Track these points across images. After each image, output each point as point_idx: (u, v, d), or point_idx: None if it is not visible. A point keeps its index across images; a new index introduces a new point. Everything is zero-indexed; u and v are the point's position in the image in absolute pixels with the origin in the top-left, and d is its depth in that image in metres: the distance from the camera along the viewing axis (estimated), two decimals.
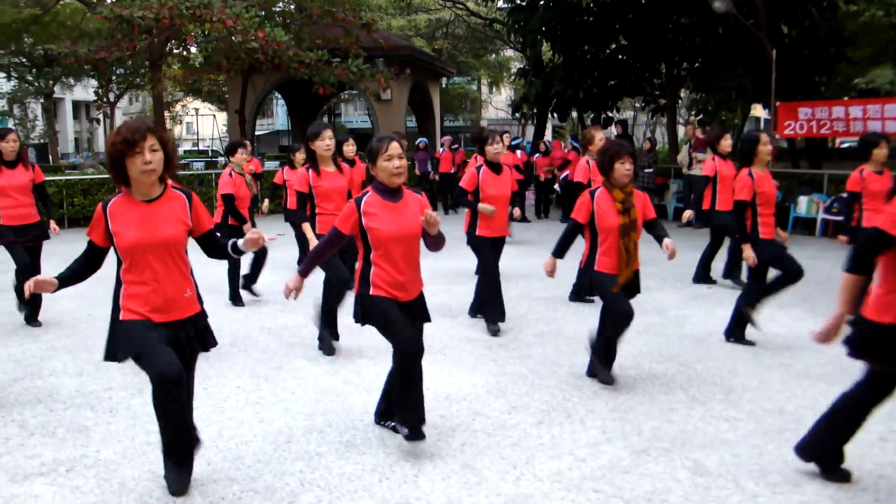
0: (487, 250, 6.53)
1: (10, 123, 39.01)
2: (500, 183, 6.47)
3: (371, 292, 4.01)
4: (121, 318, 3.44)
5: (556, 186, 14.91)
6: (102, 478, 3.82)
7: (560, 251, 5.17)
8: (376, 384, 5.18)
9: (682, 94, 23.31)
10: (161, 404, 3.43)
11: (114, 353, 3.50)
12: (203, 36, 15.86)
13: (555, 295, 7.98)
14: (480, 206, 6.36)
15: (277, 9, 17.72)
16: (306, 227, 5.96)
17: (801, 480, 3.74)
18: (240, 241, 3.56)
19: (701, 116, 15.37)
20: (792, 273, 5.87)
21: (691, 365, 5.64)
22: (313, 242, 5.72)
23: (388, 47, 18.57)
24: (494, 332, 6.46)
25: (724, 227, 8.10)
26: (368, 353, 5.85)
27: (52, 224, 6.98)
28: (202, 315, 3.63)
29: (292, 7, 18.32)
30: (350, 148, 7.75)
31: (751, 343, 6.13)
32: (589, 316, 7.12)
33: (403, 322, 3.99)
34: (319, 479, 3.80)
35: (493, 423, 4.51)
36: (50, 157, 34.42)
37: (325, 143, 5.88)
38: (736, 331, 6.19)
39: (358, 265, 4.13)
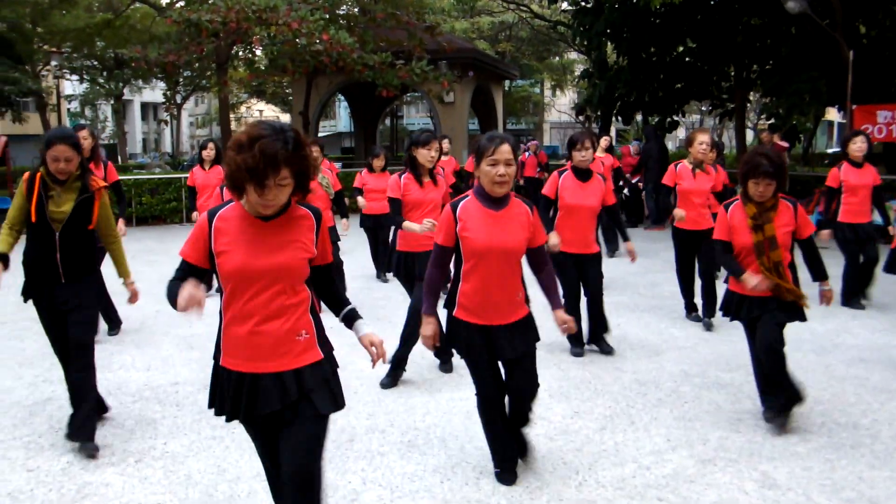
0: (565, 269, 5.86)
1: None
2: (583, 191, 5.78)
3: (454, 313, 3.61)
4: (220, 362, 2.72)
5: (626, 191, 14.64)
6: (170, 469, 3.91)
7: (737, 273, 4.39)
8: (437, 385, 5.19)
9: (751, 98, 22.77)
10: None
11: (218, 406, 2.78)
12: (269, 39, 16.12)
13: (619, 300, 7.86)
14: (551, 236, 5.71)
15: (342, 11, 17.91)
16: (406, 223, 5.30)
17: (878, 498, 3.60)
18: (360, 324, 2.88)
19: (772, 121, 14.97)
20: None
21: None
22: (415, 227, 5.17)
23: (451, 50, 18.61)
24: (577, 354, 5.95)
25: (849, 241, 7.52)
26: (430, 355, 5.84)
27: (121, 223, 6.53)
28: (325, 363, 2.75)
29: (356, 10, 18.48)
30: (445, 146, 7.75)
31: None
32: (652, 322, 7.00)
33: (483, 363, 3.62)
34: (381, 478, 3.81)
35: (556, 428, 4.47)
36: (119, 157, 35.62)
37: (430, 153, 5.29)
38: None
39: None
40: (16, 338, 6.51)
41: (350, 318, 2.86)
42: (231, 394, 2.67)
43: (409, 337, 5.28)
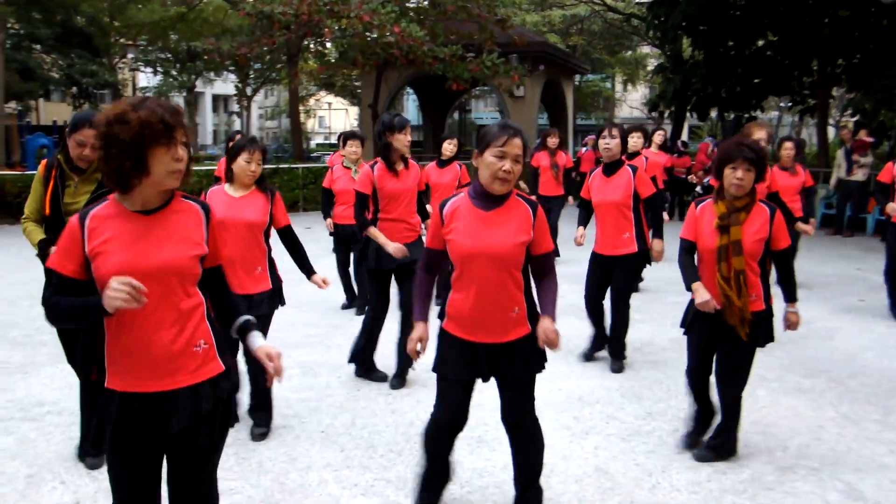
0: (590, 270, 5.57)
1: None
2: (607, 187, 5.36)
3: (444, 324, 3.18)
4: (106, 385, 2.31)
5: (699, 189, 14.28)
6: (241, 457, 3.95)
7: (689, 280, 3.94)
8: None
9: (833, 94, 21.95)
10: None
11: (96, 436, 2.34)
12: (340, 31, 16.23)
13: (686, 301, 7.65)
14: (577, 230, 5.67)
15: (412, 4, 17.94)
16: (373, 231, 4.91)
17: None
18: (254, 335, 2.47)
19: (857, 117, 14.37)
20: None
21: (843, 381, 5.27)
22: (389, 246, 4.80)
23: (522, 43, 18.45)
24: (615, 370, 5.46)
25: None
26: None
27: None
28: (223, 379, 2.40)
29: (427, 2, 18.48)
30: (451, 147, 7.31)
31: None
32: None
33: (453, 387, 3.23)
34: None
35: (628, 428, 4.37)
36: (190, 148, 36.60)
37: (408, 138, 4.93)
38: None
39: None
40: None
41: (244, 330, 2.49)
42: (115, 419, 2.27)
43: (362, 332, 5.17)
